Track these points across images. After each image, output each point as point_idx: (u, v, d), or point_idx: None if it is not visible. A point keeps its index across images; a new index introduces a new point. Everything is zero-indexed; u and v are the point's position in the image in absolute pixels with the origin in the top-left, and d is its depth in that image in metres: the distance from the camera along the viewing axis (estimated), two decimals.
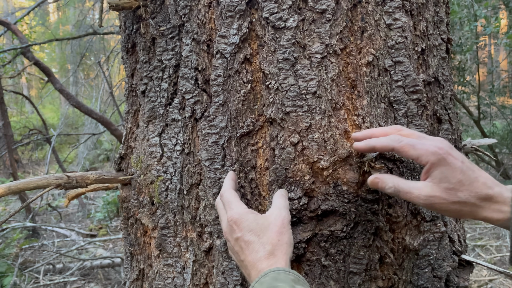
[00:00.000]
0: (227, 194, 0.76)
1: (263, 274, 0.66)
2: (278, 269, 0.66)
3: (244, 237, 0.71)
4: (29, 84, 14.46)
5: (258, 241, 0.70)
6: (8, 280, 3.78)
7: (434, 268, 0.85)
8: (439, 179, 0.67)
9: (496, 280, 3.62)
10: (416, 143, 0.68)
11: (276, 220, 0.72)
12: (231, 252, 0.75)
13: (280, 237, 0.70)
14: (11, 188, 0.86)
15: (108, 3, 0.87)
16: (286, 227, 0.72)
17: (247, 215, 0.73)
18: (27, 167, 10.67)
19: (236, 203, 0.74)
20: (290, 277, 0.65)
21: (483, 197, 0.65)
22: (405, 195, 0.69)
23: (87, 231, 5.85)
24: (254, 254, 0.69)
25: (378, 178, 0.73)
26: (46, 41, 5.12)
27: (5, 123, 5.15)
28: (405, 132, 0.73)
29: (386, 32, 0.80)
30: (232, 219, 0.72)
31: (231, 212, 0.73)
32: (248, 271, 0.70)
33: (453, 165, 0.66)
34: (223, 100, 0.82)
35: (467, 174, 0.66)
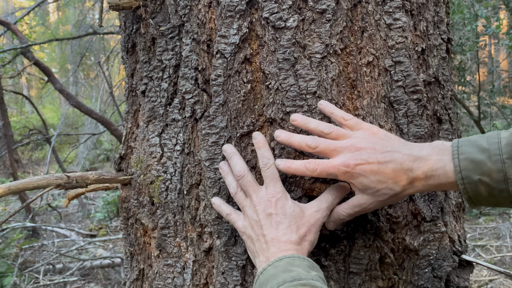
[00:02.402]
0: (274, 168, 0.75)
1: (277, 259, 0.66)
2: (293, 255, 0.67)
3: (277, 216, 0.71)
4: (29, 84, 14.46)
5: (288, 227, 0.71)
6: (8, 280, 3.78)
7: (434, 268, 0.85)
8: (362, 189, 0.69)
9: (496, 280, 3.62)
10: (328, 168, 0.69)
11: (311, 218, 0.72)
12: (248, 223, 0.75)
13: (308, 234, 0.71)
14: (11, 188, 0.86)
15: (108, 3, 0.87)
16: (316, 227, 0.73)
17: (287, 200, 0.73)
18: (27, 167, 10.67)
19: (280, 184, 0.74)
20: (305, 263, 0.66)
21: (409, 182, 0.66)
22: (355, 214, 0.72)
23: (87, 231, 5.85)
24: (281, 234, 0.70)
25: (332, 221, 0.75)
26: (46, 41, 5.12)
27: (5, 123, 5.15)
28: (322, 139, 0.72)
29: (386, 32, 0.80)
30: (275, 196, 0.73)
31: (275, 190, 0.73)
32: (266, 246, 0.70)
33: (364, 172, 0.67)
34: (223, 100, 0.82)
35: (381, 170, 0.67)
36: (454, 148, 0.65)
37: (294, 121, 0.75)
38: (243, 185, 0.76)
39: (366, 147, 0.68)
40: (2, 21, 4.31)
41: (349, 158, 0.68)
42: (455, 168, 0.63)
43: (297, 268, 0.64)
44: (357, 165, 0.67)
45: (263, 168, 0.75)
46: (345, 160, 0.68)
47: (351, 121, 0.74)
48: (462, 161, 0.63)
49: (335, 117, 0.75)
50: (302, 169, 0.71)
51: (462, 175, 0.63)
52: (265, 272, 0.66)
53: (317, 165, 0.70)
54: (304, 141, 0.72)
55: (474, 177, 0.62)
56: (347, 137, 0.72)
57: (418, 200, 0.83)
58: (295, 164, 0.72)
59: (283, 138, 0.74)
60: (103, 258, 4.42)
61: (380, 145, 0.69)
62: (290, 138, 0.73)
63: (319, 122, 0.74)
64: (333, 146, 0.70)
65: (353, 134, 0.72)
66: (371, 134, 0.71)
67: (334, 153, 0.70)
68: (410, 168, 0.66)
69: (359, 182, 0.68)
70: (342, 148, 0.70)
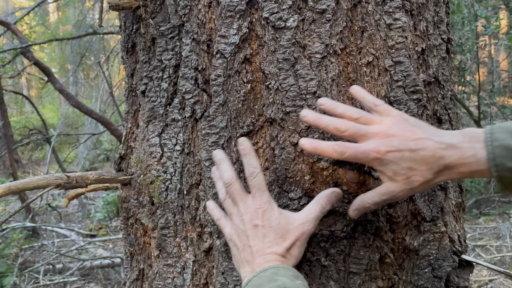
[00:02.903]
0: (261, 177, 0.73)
1: (262, 270, 0.66)
2: (278, 266, 0.66)
3: (263, 229, 0.71)
4: (29, 84, 14.46)
5: (274, 240, 0.70)
6: (8, 280, 3.77)
7: (434, 268, 0.85)
8: (392, 176, 0.68)
9: (496, 280, 3.62)
10: (358, 153, 0.68)
11: (297, 230, 0.71)
12: (234, 232, 0.74)
13: (292, 248, 0.71)
14: (11, 188, 0.86)
15: (108, 3, 0.87)
16: (302, 241, 0.71)
17: (274, 210, 0.72)
18: (27, 167, 10.67)
19: (268, 193, 0.73)
20: (289, 272, 0.65)
21: (439, 170, 0.66)
22: (382, 202, 0.71)
23: (87, 231, 5.85)
24: (267, 247, 0.70)
25: (356, 209, 0.73)
26: (46, 41, 5.12)
27: (5, 123, 5.15)
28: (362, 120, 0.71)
29: (386, 32, 0.80)
30: (261, 207, 0.71)
31: (262, 201, 0.72)
32: (251, 258, 0.70)
33: (395, 158, 0.66)
34: (223, 100, 0.82)
35: (412, 157, 0.66)
36: (487, 135, 0.63)
37: (322, 105, 0.73)
38: (230, 193, 0.75)
39: (397, 134, 0.67)
40: (2, 21, 4.31)
41: (380, 144, 0.67)
42: (488, 155, 0.62)
43: (282, 278, 0.63)
44: (388, 152, 0.66)
45: (249, 177, 0.73)
46: (376, 146, 0.67)
47: (381, 107, 0.72)
48: (496, 148, 0.62)
49: (365, 102, 0.74)
50: (329, 151, 0.69)
51: (496, 162, 0.62)
52: (250, 283, 0.66)
53: (347, 149, 0.68)
54: (332, 124, 0.70)
55: (509, 163, 0.61)
56: (376, 123, 0.70)
57: (418, 200, 0.83)
58: (323, 145, 0.70)
59: (310, 118, 0.72)
60: (103, 258, 4.42)
61: (411, 132, 0.67)
62: (318, 119, 0.71)
63: (348, 107, 0.73)
64: (363, 131, 0.69)
65: (382, 120, 0.70)
66: (401, 120, 0.70)
67: (364, 138, 0.69)
68: (442, 155, 0.65)
69: (389, 169, 0.67)
70: (373, 133, 0.68)
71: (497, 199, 5.85)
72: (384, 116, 0.71)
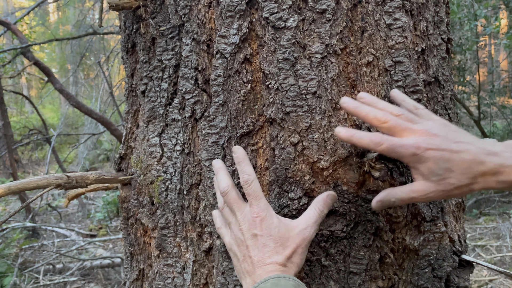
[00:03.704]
0: (256, 184, 0.72)
1: (263, 281, 0.65)
2: (279, 276, 0.66)
3: (262, 238, 0.70)
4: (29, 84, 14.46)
5: (274, 249, 0.69)
6: (8, 280, 3.77)
7: (434, 268, 0.85)
8: (427, 175, 0.67)
9: (496, 280, 3.62)
10: (396, 146, 0.67)
11: (298, 237, 0.71)
12: (234, 242, 0.73)
13: (293, 255, 0.70)
14: (11, 188, 0.86)
15: (108, 3, 0.87)
16: (303, 248, 0.71)
17: (273, 218, 0.71)
18: (27, 167, 10.67)
19: (265, 200, 0.72)
20: (290, 282, 0.65)
21: (477, 175, 0.64)
22: (409, 200, 0.70)
23: (87, 231, 5.85)
24: (266, 257, 0.69)
25: (380, 200, 0.72)
26: (46, 41, 5.12)
27: (5, 123, 5.15)
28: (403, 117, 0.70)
29: (386, 32, 0.80)
30: (259, 215, 0.71)
31: (259, 209, 0.71)
32: (252, 269, 0.69)
33: (434, 157, 0.65)
34: (223, 100, 0.82)
35: (452, 159, 0.65)
36: None
37: (362, 98, 0.73)
38: (228, 202, 0.75)
39: (439, 135, 0.66)
40: (2, 21, 4.31)
41: (420, 141, 0.66)
42: None
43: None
44: (428, 149, 0.65)
45: (244, 186, 0.73)
46: (416, 142, 0.66)
47: (422, 110, 0.72)
48: None
49: (406, 104, 0.73)
50: (366, 141, 0.68)
51: None
52: None
53: (385, 140, 0.67)
54: (373, 113, 0.69)
55: None
56: (417, 122, 0.69)
57: None
58: (360, 134, 0.69)
59: (349, 105, 0.71)
60: (103, 258, 4.43)
61: (453, 136, 0.67)
62: (358, 107, 0.71)
63: (389, 104, 0.72)
64: (404, 126, 0.68)
65: (424, 122, 0.70)
66: (443, 124, 0.69)
67: (404, 133, 0.68)
68: (482, 161, 0.64)
69: (426, 167, 0.66)
70: (414, 130, 0.67)
71: (497, 199, 5.85)
72: (425, 119, 0.71)
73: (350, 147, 0.77)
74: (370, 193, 0.78)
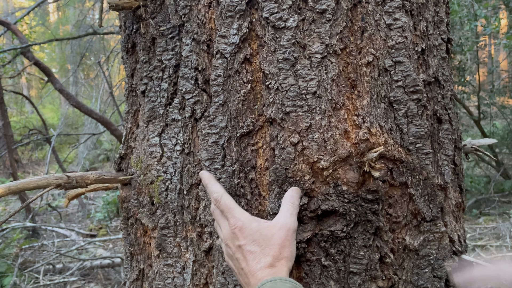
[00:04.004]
0: (224, 199, 0.76)
1: (260, 285, 0.66)
2: (275, 278, 0.67)
3: (247, 246, 0.71)
4: (29, 84, 14.46)
5: (261, 252, 0.70)
6: (8, 280, 3.77)
7: (434, 268, 0.85)
8: None
9: None
10: None
11: (281, 231, 0.72)
12: (228, 258, 0.75)
13: (282, 250, 0.71)
14: (11, 188, 0.86)
15: (108, 3, 0.87)
16: (290, 240, 0.72)
17: (251, 223, 0.73)
18: (27, 167, 10.67)
19: (238, 210, 0.74)
20: (287, 285, 0.66)
21: None
22: None
23: (87, 231, 5.85)
24: (255, 263, 0.70)
25: None
26: (46, 41, 5.12)
27: (5, 123, 5.15)
28: None
29: (386, 32, 0.80)
30: (236, 226, 0.72)
31: (235, 220, 0.73)
32: (248, 280, 0.70)
33: None
34: (223, 100, 0.82)
35: None
36: None
37: None
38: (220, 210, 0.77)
39: None
40: (2, 21, 4.31)
41: None
42: None
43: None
44: None
45: (216, 204, 0.76)
46: None
47: None
48: None
49: None
50: None
51: None
52: None
53: None
54: None
55: None
56: None
57: (418, 200, 0.83)
58: None
59: None
60: (103, 258, 4.42)
61: None
62: None
63: None
64: None
65: None
66: None
67: None
68: None
69: None
70: None
71: (497, 199, 5.85)
72: None
73: (350, 147, 0.77)
74: (370, 193, 0.78)
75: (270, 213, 0.80)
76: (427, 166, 0.83)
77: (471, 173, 6.52)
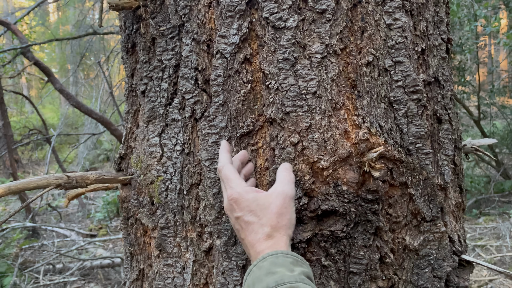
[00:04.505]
0: (225, 170, 0.74)
1: (261, 258, 0.66)
2: (277, 252, 0.66)
3: (244, 217, 0.70)
4: (29, 84, 14.46)
5: (258, 222, 0.69)
6: (8, 280, 3.77)
7: (434, 268, 0.85)
8: None
9: (496, 280, 3.62)
10: None
11: (277, 199, 0.71)
12: (234, 227, 0.75)
13: (279, 219, 0.70)
14: (11, 188, 0.86)
15: (108, 3, 0.87)
16: (287, 207, 0.71)
17: (248, 194, 0.72)
18: (27, 167, 10.67)
19: (235, 181, 0.73)
20: (288, 259, 0.65)
21: None
22: None
23: (87, 231, 5.85)
24: (253, 235, 0.69)
25: None
26: (46, 41, 5.12)
27: (5, 123, 5.15)
28: None
29: (386, 32, 0.80)
30: (232, 198, 0.71)
31: (231, 191, 0.72)
32: (248, 250, 0.71)
33: None
34: (223, 100, 0.82)
35: None
36: None
37: None
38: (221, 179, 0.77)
39: None
40: (2, 21, 4.31)
41: None
42: None
43: (280, 269, 0.63)
44: None
45: (218, 174, 0.76)
46: None
47: None
48: None
49: None
50: None
51: None
52: (251, 273, 0.65)
53: None
54: None
55: None
56: None
57: (418, 200, 0.83)
58: None
59: None
60: (103, 258, 4.42)
61: None
62: None
63: None
64: None
65: None
66: None
67: None
68: None
69: None
70: None
71: (497, 199, 5.85)
72: None
73: (350, 147, 0.77)
74: (370, 193, 0.78)
75: None
76: (427, 166, 0.83)
77: (471, 173, 6.52)
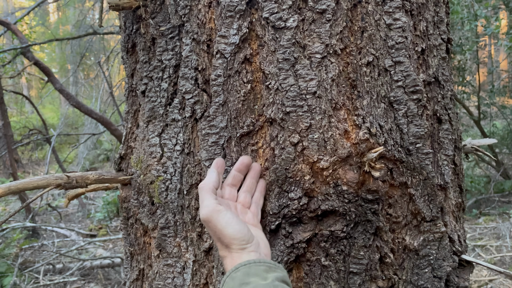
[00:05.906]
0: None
1: (233, 269, 0.66)
2: (249, 262, 0.66)
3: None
4: (29, 84, 14.46)
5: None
6: (8, 280, 3.78)
7: (434, 268, 0.85)
8: None
9: (496, 280, 3.62)
10: None
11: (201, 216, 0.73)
12: None
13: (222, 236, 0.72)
14: (11, 188, 0.86)
15: (108, 3, 0.87)
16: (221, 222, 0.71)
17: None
18: (27, 167, 10.67)
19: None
20: (261, 267, 0.65)
21: None
22: None
23: (87, 231, 5.85)
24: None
25: None
26: (46, 41, 5.12)
27: (5, 123, 5.15)
28: None
29: (386, 32, 0.80)
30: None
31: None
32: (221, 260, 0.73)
33: None
34: (223, 100, 0.82)
35: None
36: None
37: None
38: None
39: None
40: (2, 21, 4.31)
41: None
42: None
43: (253, 278, 0.63)
44: None
45: None
46: None
47: None
48: None
49: None
50: None
51: None
52: (225, 284, 0.66)
53: None
54: None
55: None
56: None
57: (418, 200, 0.83)
58: None
59: None
60: (103, 258, 4.42)
61: None
62: None
63: None
64: None
65: None
66: None
67: None
68: None
69: None
70: None
71: (497, 199, 5.85)
72: None
73: (350, 147, 0.77)
74: (370, 193, 0.78)
75: (270, 213, 0.80)
76: (427, 166, 0.83)
77: (471, 173, 6.52)
